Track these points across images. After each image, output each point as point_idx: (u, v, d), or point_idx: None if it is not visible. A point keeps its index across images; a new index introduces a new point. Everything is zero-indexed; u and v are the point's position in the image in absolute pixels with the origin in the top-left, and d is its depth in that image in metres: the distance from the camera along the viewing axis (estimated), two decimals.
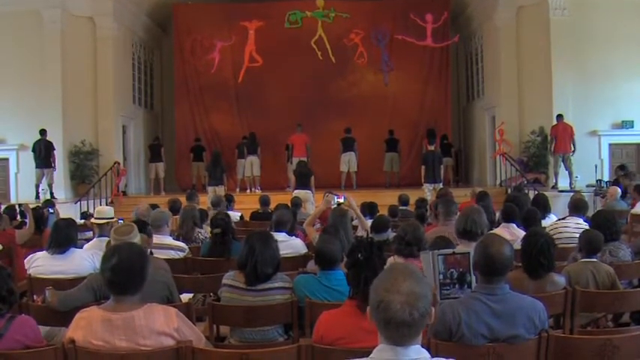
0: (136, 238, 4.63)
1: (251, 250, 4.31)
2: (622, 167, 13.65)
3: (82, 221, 10.08)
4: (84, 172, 16.65)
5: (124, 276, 3.22)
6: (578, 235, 6.34)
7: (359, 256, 3.37)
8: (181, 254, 6.22)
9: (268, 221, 7.25)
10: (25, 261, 5.64)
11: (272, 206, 9.98)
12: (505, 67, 17.17)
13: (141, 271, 3.28)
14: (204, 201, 12.48)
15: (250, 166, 17.29)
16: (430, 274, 3.70)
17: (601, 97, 15.83)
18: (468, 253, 3.70)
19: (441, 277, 3.70)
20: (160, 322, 3.23)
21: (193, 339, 3.31)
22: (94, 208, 8.98)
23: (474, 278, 3.66)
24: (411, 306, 2.13)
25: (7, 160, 16.61)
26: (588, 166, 15.55)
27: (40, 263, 5.39)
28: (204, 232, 7.43)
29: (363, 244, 3.46)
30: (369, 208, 9.14)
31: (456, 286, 3.68)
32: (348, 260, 3.52)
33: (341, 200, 6.96)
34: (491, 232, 5.47)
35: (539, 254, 4.30)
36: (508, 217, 6.59)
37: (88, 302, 4.06)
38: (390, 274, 2.24)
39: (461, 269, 3.68)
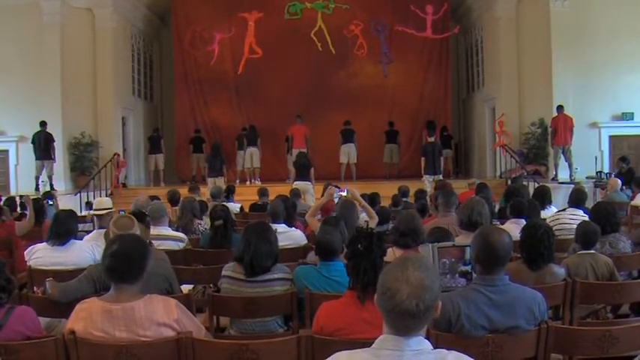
0: (136, 230, 4.62)
1: (248, 243, 4.32)
2: (624, 159, 13.65)
3: (87, 212, 10.03)
4: (84, 164, 16.65)
5: (124, 262, 3.23)
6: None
7: (359, 246, 3.37)
8: (180, 245, 6.23)
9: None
10: (25, 253, 5.64)
11: (271, 197, 9.98)
12: (505, 58, 17.14)
13: (140, 260, 3.28)
14: (204, 192, 12.47)
15: (250, 157, 17.28)
16: None
17: (601, 88, 15.79)
18: (465, 245, 3.72)
19: None
20: (160, 313, 3.23)
21: (193, 330, 3.31)
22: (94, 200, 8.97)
23: (468, 267, 3.66)
24: (418, 297, 2.12)
25: (6, 151, 16.59)
26: (588, 157, 15.53)
27: (40, 255, 5.40)
28: (204, 223, 7.44)
29: (363, 235, 3.45)
30: (370, 199, 9.13)
31: (448, 275, 3.69)
32: (348, 251, 3.52)
33: (343, 193, 6.96)
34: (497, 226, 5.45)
35: (540, 243, 4.30)
36: (519, 212, 6.49)
37: (88, 293, 4.06)
38: (402, 264, 2.22)
39: (453, 259, 3.70)
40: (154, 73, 21.39)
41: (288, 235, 6.30)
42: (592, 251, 4.82)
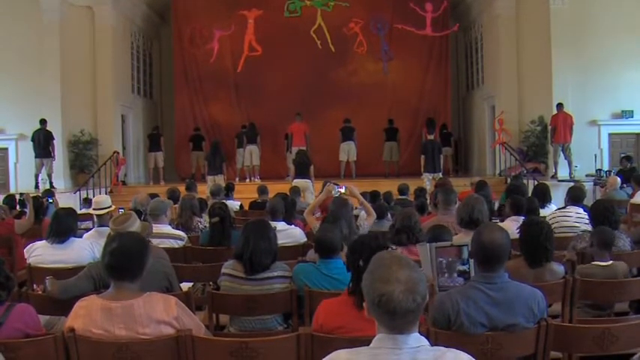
0: (134, 226, 4.63)
1: (247, 241, 4.32)
2: (628, 158, 13.65)
3: (86, 210, 10.03)
4: (83, 162, 16.66)
5: (123, 260, 3.24)
6: (577, 225, 6.40)
7: (360, 263, 3.33)
8: (180, 243, 6.22)
9: None
10: (25, 250, 5.64)
11: (271, 195, 9.98)
12: (505, 56, 17.14)
13: (140, 257, 3.29)
14: (204, 190, 12.48)
15: (250, 155, 17.29)
16: (428, 265, 3.71)
17: (601, 86, 15.80)
18: (464, 244, 3.71)
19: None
20: (160, 310, 3.24)
21: (193, 328, 3.32)
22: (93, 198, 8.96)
23: (466, 267, 3.66)
24: (414, 292, 2.13)
25: (6, 149, 16.63)
26: (588, 155, 15.56)
27: (40, 252, 5.39)
28: (204, 221, 7.44)
29: (365, 248, 3.43)
30: (371, 197, 9.16)
31: (445, 274, 3.69)
32: (348, 259, 3.53)
33: (342, 190, 6.95)
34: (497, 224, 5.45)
35: (540, 241, 4.29)
36: (518, 210, 6.53)
37: (87, 291, 4.06)
38: (382, 266, 2.22)
39: (450, 258, 3.69)
40: (154, 70, 21.36)
41: (288, 233, 6.30)
42: (609, 262, 4.70)
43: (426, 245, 3.91)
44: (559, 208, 7.18)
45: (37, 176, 15.23)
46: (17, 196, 9.79)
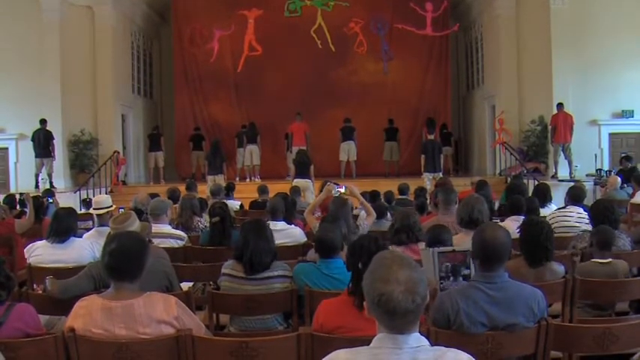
0: (134, 225, 4.63)
1: (246, 242, 4.33)
2: (628, 158, 13.65)
3: (86, 211, 10.03)
4: (83, 162, 16.65)
5: (123, 260, 3.23)
6: (577, 225, 6.40)
7: (359, 265, 3.34)
8: (180, 243, 6.22)
9: None
10: (25, 250, 5.64)
11: (271, 195, 9.98)
12: (505, 56, 17.12)
13: (139, 257, 3.29)
14: (204, 190, 12.48)
15: (250, 155, 17.28)
16: (430, 269, 3.71)
17: (601, 86, 15.80)
18: (466, 250, 3.72)
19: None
20: (160, 310, 3.23)
21: (193, 327, 3.31)
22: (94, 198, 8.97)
23: (472, 269, 3.66)
24: (413, 292, 2.13)
25: (6, 149, 16.62)
26: (588, 155, 15.56)
27: (40, 252, 5.40)
28: (204, 220, 7.43)
29: (364, 250, 3.44)
30: (371, 197, 9.16)
31: (450, 278, 3.69)
32: (348, 261, 3.52)
33: (342, 190, 6.95)
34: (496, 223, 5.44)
35: (546, 240, 4.28)
36: (518, 210, 6.53)
37: (87, 291, 4.06)
38: (382, 265, 2.21)
39: (455, 262, 3.70)
40: (154, 70, 21.35)
41: (288, 233, 6.29)
42: (609, 260, 4.70)
43: (428, 250, 3.92)
44: (559, 208, 7.17)
45: (37, 176, 15.23)
46: (17, 196, 9.79)
